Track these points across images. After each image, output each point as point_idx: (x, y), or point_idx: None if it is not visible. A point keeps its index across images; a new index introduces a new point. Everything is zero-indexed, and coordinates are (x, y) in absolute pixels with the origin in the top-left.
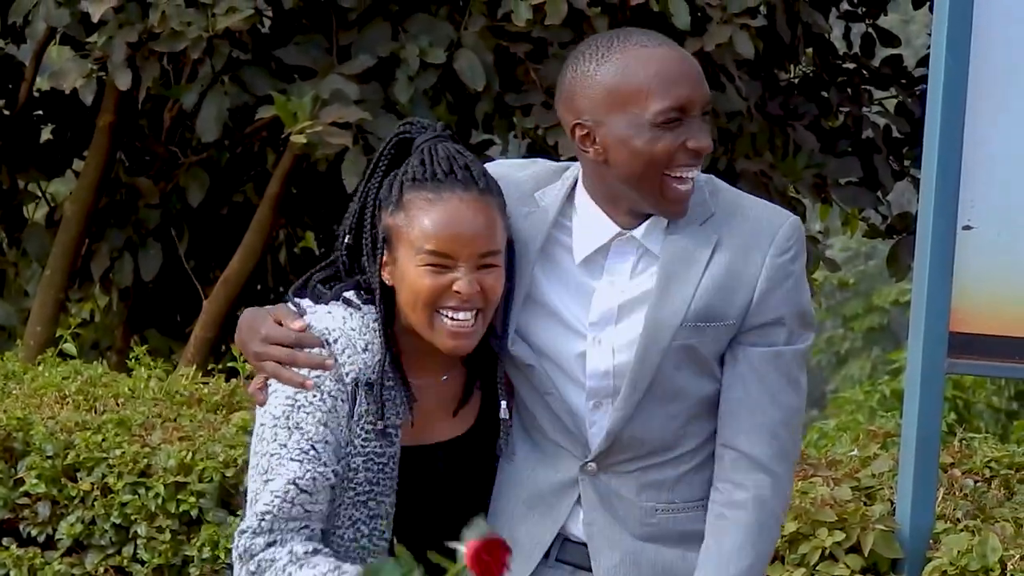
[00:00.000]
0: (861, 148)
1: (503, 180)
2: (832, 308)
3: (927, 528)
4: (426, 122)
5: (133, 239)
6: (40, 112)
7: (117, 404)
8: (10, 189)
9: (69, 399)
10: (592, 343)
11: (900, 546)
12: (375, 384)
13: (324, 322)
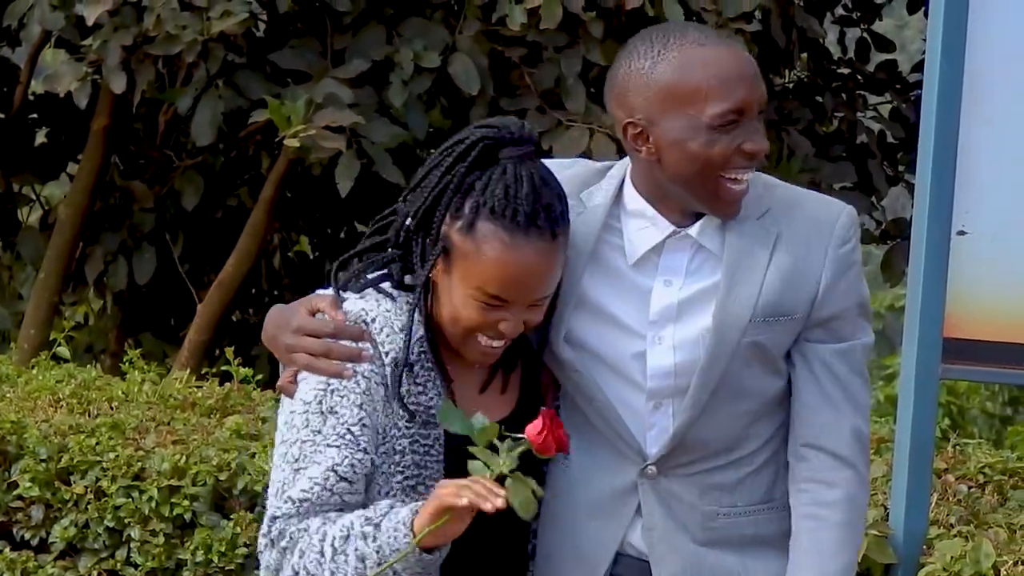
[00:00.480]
0: (855, 153)
1: None
2: None
3: (921, 533)
4: (511, 125)
5: (127, 243)
6: (35, 115)
7: (111, 407)
8: (4, 192)
9: (63, 402)
10: (652, 342)
11: (894, 551)
12: (415, 364)
13: (359, 304)
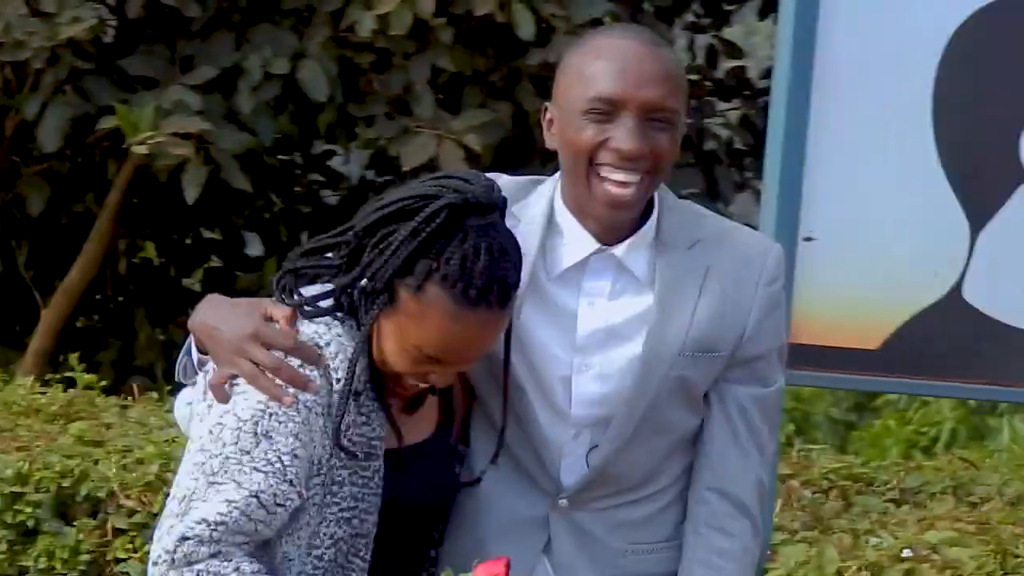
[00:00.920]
0: (703, 159)
1: None
2: None
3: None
4: (478, 189)
5: None
6: None
7: None
8: None
9: None
10: (579, 368)
11: None
12: (361, 394)
13: (312, 327)
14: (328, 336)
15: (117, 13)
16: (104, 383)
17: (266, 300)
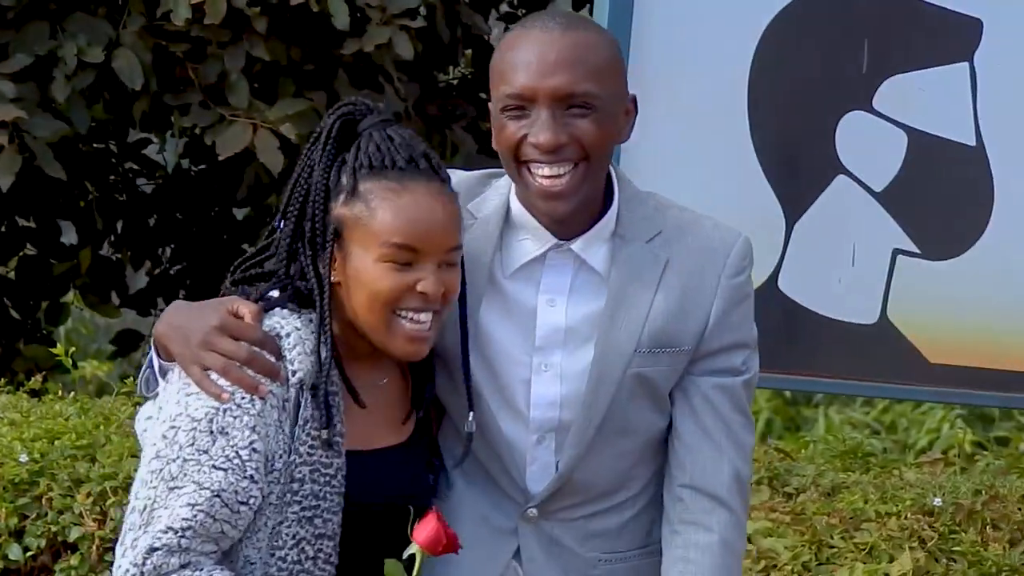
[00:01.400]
0: None
1: None
2: None
3: None
4: (369, 103)
5: None
6: None
7: None
8: None
9: None
10: (538, 369)
11: None
12: (320, 388)
13: (271, 318)
14: (288, 328)
15: None
16: None
17: (231, 297)
